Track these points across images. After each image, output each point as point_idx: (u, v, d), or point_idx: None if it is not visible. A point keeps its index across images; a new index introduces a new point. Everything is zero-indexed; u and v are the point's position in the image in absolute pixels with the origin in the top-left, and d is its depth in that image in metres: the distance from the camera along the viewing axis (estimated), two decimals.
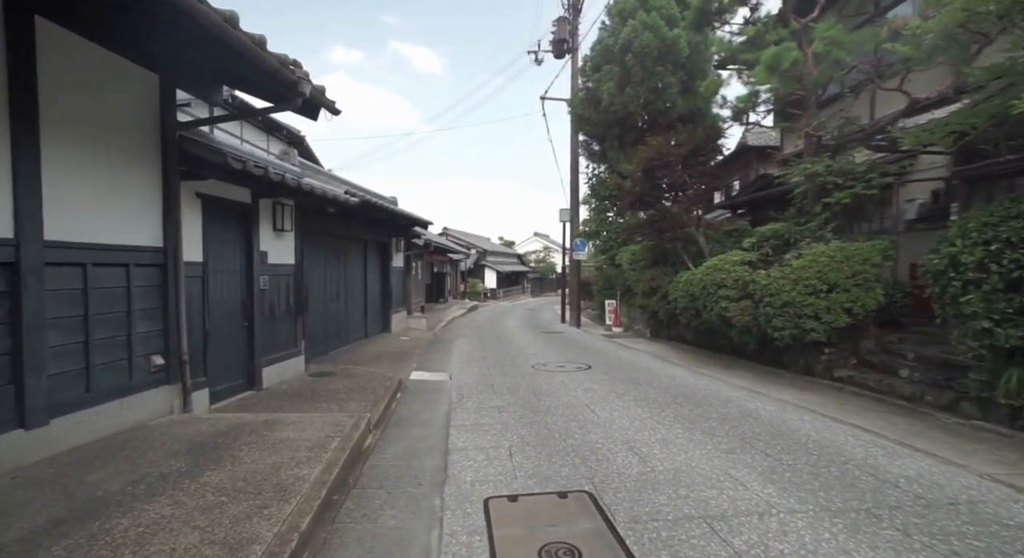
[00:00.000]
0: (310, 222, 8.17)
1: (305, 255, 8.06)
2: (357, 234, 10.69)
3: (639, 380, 7.14)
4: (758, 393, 6.19)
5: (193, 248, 4.62)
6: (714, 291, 8.13)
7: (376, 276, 12.17)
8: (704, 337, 10.06)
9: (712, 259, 8.60)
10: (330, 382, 6.32)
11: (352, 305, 10.64)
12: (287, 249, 6.44)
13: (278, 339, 6.20)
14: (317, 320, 8.89)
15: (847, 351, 6.88)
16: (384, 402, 5.44)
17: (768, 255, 7.80)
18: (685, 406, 5.57)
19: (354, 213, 9.26)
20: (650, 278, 11.75)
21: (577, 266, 17.49)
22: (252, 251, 5.58)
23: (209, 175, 4.37)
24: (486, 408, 5.59)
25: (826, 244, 7.00)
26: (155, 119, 4.17)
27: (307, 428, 4.05)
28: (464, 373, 7.80)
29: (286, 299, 6.40)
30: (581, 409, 5.51)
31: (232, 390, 5.33)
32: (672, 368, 8.24)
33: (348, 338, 10.33)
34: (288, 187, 5.32)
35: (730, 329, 8.23)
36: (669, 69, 12.85)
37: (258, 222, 5.68)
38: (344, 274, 10.25)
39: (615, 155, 14.54)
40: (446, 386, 6.85)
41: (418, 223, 12.25)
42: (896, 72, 6.33)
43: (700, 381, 7.04)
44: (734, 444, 4.22)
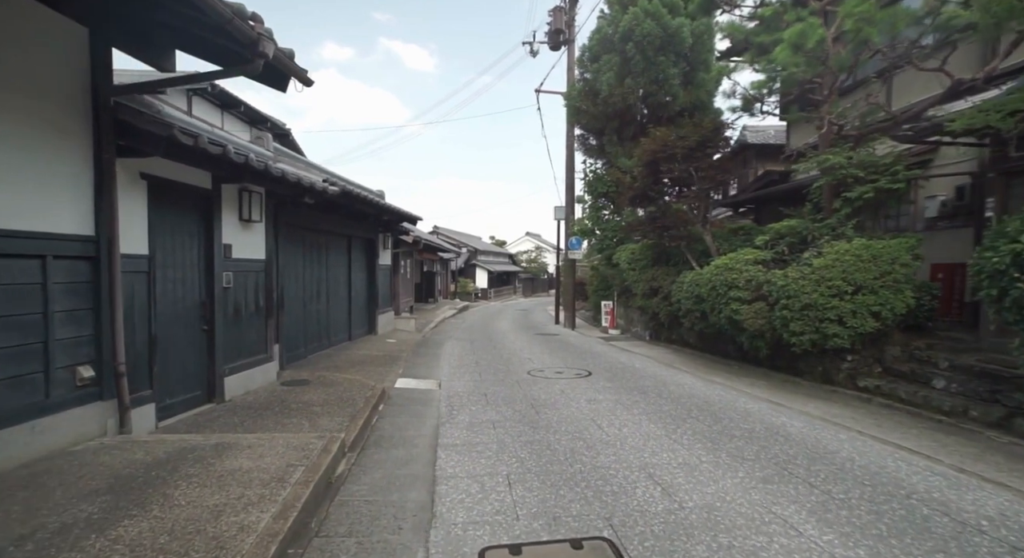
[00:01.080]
0: (287, 214, 7.47)
1: (281, 250, 7.37)
2: (341, 229, 9.99)
3: (646, 389, 6.54)
4: (779, 405, 5.62)
5: (136, 238, 3.93)
6: (724, 292, 7.56)
7: (361, 274, 11.46)
8: (709, 341, 9.51)
9: (721, 258, 8.03)
10: (304, 392, 5.63)
11: (335, 305, 9.94)
12: (256, 242, 5.75)
13: (245, 344, 5.51)
14: (295, 321, 8.18)
15: (871, 358, 6.34)
16: (363, 416, 4.78)
17: (784, 254, 7.25)
18: (702, 421, 4.97)
19: (337, 206, 8.57)
20: (651, 278, 11.19)
21: (572, 265, 16.91)
22: (213, 244, 4.89)
23: (153, 151, 3.69)
24: (479, 423, 4.95)
25: (848, 242, 6.46)
26: (84, 82, 3.48)
27: (266, 454, 3.38)
28: (455, 380, 7.16)
29: (255, 298, 5.70)
30: (586, 424, 4.89)
31: (187, 404, 4.63)
32: (679, 375, 7.65)
33: (330, 340, 9.63)
34: (254, 171, 4.64)
35: (740, 333, 7.67)
36: (671, 59, 12.29)
37: (220, 211, 4.99)
38: (326, 271, 9.55)
39: (613, 150, 13.97)
40: (435, 396, 6.20)
41: (406, 218, 11.58)
42: (926, 54, 5.79)
43: (712, 390, 6.46)
44: (769, 470, 3.62)
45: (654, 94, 12.64)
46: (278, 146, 8.00)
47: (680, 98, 12.80)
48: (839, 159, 6.64)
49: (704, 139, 9.08)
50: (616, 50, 12.82)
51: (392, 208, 10.38)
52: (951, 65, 5.41)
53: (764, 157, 16.01)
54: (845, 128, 6.70)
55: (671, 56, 12.30)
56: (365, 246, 11.66)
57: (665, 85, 12.53)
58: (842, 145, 6.93)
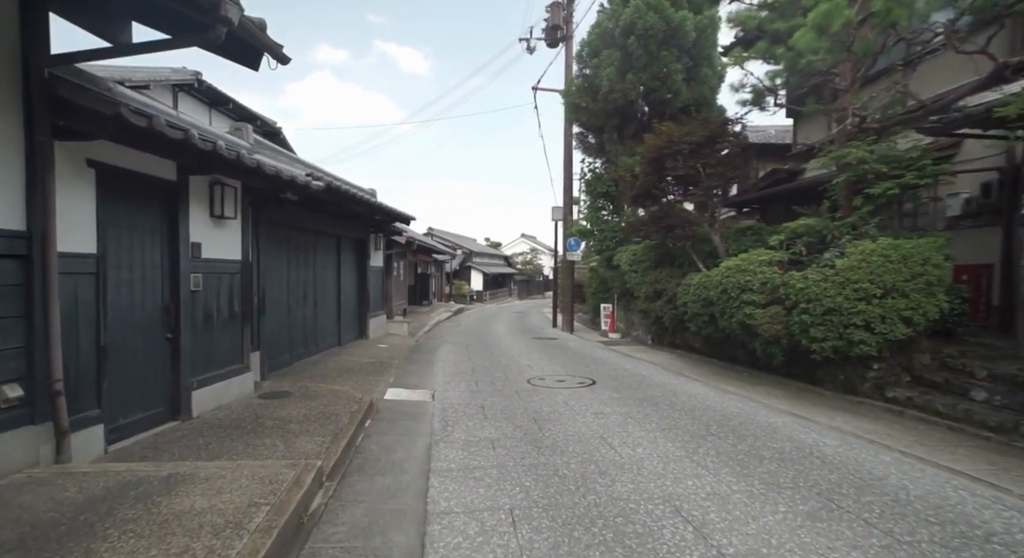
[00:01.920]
0: (269, 212, 6.95)
1: (262, 250, 6.84)
2: (329, 229, 9.46)
3: (656, 400, 6.05)
4: (804, 419, 5.15)
5: (81, 235, 3.40)
6: (736, 295, 7.10)
7: (351, 276, 10.93)
8: (716, 346, 9.05)
9: (732, 259, 7.57)
10: (283, 406, 5.11)
11: (323, 309, 9.40)
12: (231, 241, 5.22)
13: (217, 353, 4.97)
14: (278, 327, 7.65)
15: (899, 367, 5.88)
16: (347, 435, 4.26)
17: (801, 254, 6.80)
18: (724, 438, 4.49)
19: (324, 204, 8.05)
20: (654, 280, 10.72)
21: (570, 267, 16.43)
22: (179, 242, 4.36)
23: (99, 133, 3.17)
24: (477, 442, 4.44)
25: (872, 242, 6.01)
26: (12, 51, 2.96)
27: (226, 489, 2.86)
28: (449, 390, 6.64)
29: (229, 303, 5.17)
30: (596, 443, 4.40)
31: (146, 423, 4.10)
32: (689, 383, 7.17)
33: (317, 346, 9.09)
34: (224, 160, 4.12)
35: (752, 339, 7.21)
36: (674, 54, 11.87)
37: (188, 206, 4.46)
38: (313, 273, 9.02)
39: (613, 148, 13.52)
40: (427, 409, 5.69)
41: (399, 218, 11.07)
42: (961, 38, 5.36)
43: (728, 402, 5.98)
44: (813, 503, 3.14)
45: (656, 90, 12.21)
46: (260, 139, 7.48)
47: (683, 94, 12.38)
48: (862, 153, 6.20)
49: (712, 134, 8.64)
50: (617, 45, 12.40)
51: (384, 207, 9.87)
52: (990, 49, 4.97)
53: (765, 157, 15.63)
54: (867, 120, 6.24)
55: (674, 51, 11.88)
56: (355, 247, 11.13)
57: (668, 81, 12.10)
58: (863, 138, 6.49)
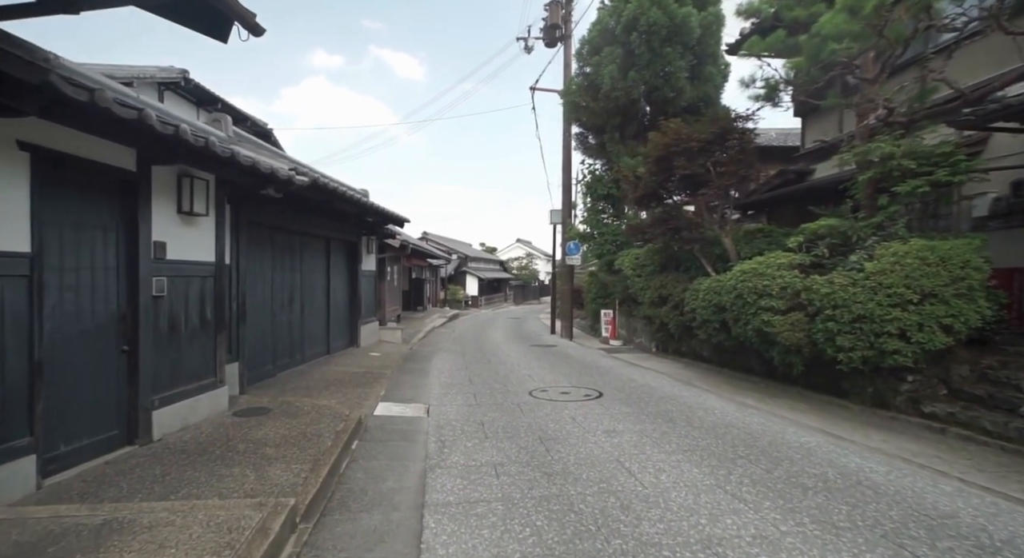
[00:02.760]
0: (250, 211, 6.43)
1: (243, 252, 6.31)
2: (318, 230, 8.94)
3: (671, 415, 5.55)
4: (839, 438, 4.66)
5: (8, 231, 2.86)
6: (753, 301, 6.63)
7: (342, 280, 10.39)
8: (727, 355, 8.57)
9: (747, 262, 7.11)
10: (260, 425, 4.56)
11: (310, 315, 8.85)
12: (203, 241, 4.69)
13: (185, 366, 4.42)
14: (260, 335, 7.10)
15: (935, 379, 5.42)
16: (329, 461, 3.73)
17: (823, 257, 6.34)
18: (756, 462, 3.99)
19: (312, 203, 7.53)
20: (659, 285, 10.25)
21: (570, 272, 15.95)
22: (138, 241, 3.83)
23: (27, 108, 2.65)
24: (478, 467, 3.92)
25: (903, 243, 5.56)
26: None
27: (172, 541, 2.32)
28: (445, 404, 6.12)
29: (200, 310, 4.63)
30: (612, 468, 3.89)
31: (95, 449, 3.54)
32: (703, 396, 6.68)
33: (304, 355, 8.53)
34: (190, 147, 3.60)
35: (769, 347, 6.74)
36: (678, 51, 11.47)
37: (150, 200, 3.93)
38: (300, 278, 8.48)
39: (615, 148, 13.09)
40: (422, 426, 5.16)
41: (392, 219, 10.56)
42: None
43: (749, 417, 5.49)
44: (883, 550, 2.63)
45: (659, 88, 11.80)
46: (242, 132, 6.97)
47: (686, 93, 11.98)
48: (890, 148, 5.76)
49: (723, 131, 8.20)
50: (619, 42, 11.99)
51: (376, 207, 9.36)
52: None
53: (767, 159, 15.28)
54: (895, 112, 5.82)
55: (678, 48, 11.48)
56: (346, 250, 10.59)
57: (671, 79, 11.69)
58: (889, 133, 6.06)
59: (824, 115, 10.51)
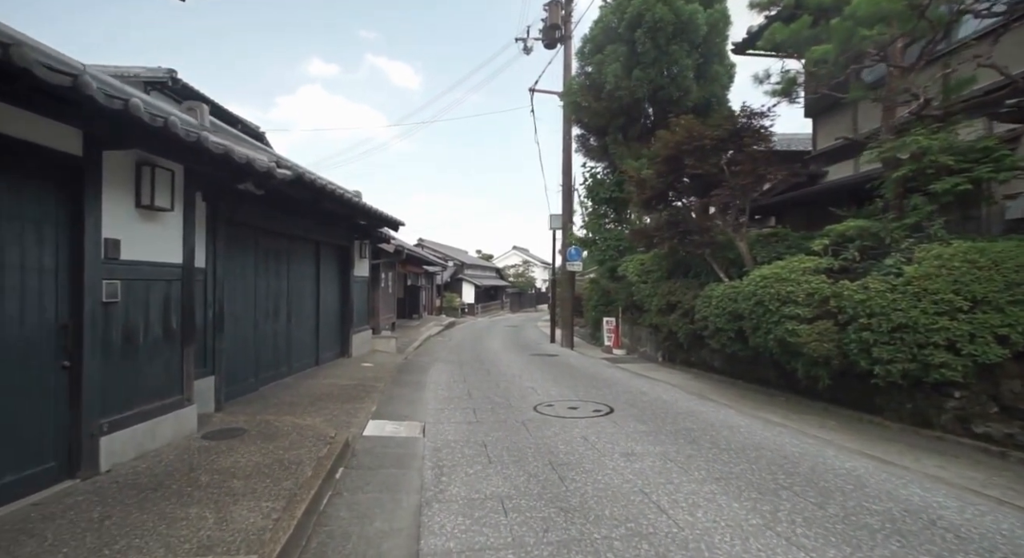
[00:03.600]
0: (230, 209, 5.89)
1: (222, 255, 5.76)
2: (307, 233, 8.39)
3: (693, 435, 5.01)
4: (888, 463, 4.14)
5: None
6: (775, 308, 6.14)
7: (333, 287, 9.83)
8: (742, 366, 8.05)
9: (768, 267, 6.62)
10: (231, 451, 3.98)
11: (298, 324, 8.28)
12: (168, 240, 4.13)
13: (143, 384, 3.85)
14: (241, 346, 6.53)
15: (984, 395, 4.90)
16: (308, 496, 3.16)
17: (854, 260, 5.86)
18: (803, 494, 3.45)
19: (299, 203, 7.00)
20: (668, 292, 9.76)
21: (571, 278, 15.43)
22: (83, 238, 3.27)
23: None
24: (481, 502, 3.36)
25: (945, 245, 5.09)
26: None
27: None
28: (443, 422, 5.55)
29: (164, 318, 4.07)
30: (638, 502, 3.34)
31: (24, 486, 2.95)
32: (722, 411, 6.15)
33: (290, 367, 7.94)
34: (146, 128, 3.07)
35: (793, 358, 6.24)
36: (685, 49, 11.07)
37: (100, 190, 3.39)
38: (287, 284, 7.92)
39: (617, 150, 12.64)
40: (417, 449, 4.59)
41: (387, 222, 10.02)
42: None
43: (779, 437, 4.96)
44: None
45: (664, 88, 11.38)
46: (217, 121, 6.44)
47: (693, 93, 11.57)
48: (928, 142, 5.31)
49: (738, 128, 7.75)
50: (622, 39, 11.59)
51: (368, 208, 8.83)
52: None
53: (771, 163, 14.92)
54: (930, 105, 5.37)
55: (684, 45, 11.09)
56: (337, 255, 10.04)
57: (677, 78, 11.28)
58: (924, 127, 5.60)
59: (837, 115, 10.12)
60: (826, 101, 9.85)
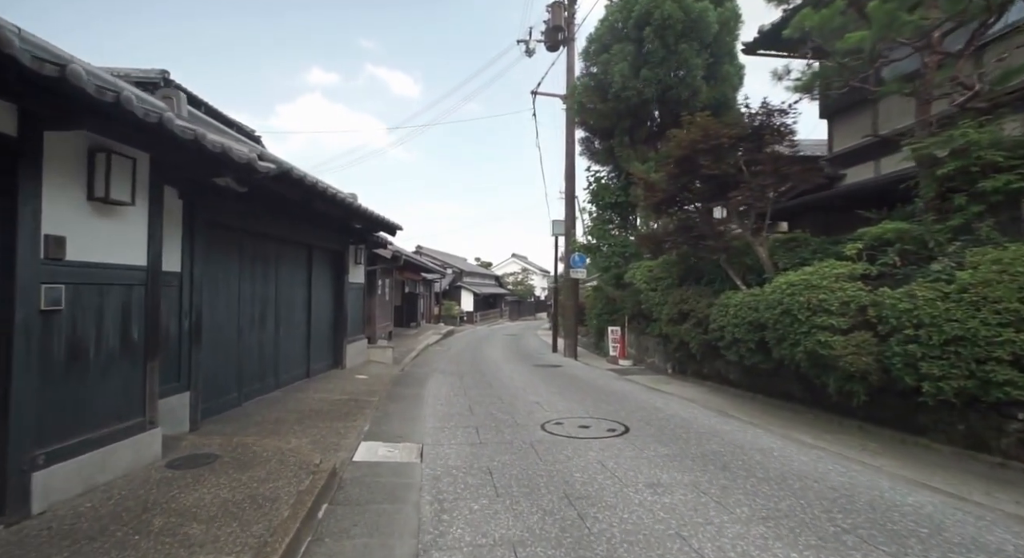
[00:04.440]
0: (211, 209, 5.38)
1: (201, 258, 5.25)
2: (297, 236, 7.88)
3: (723, 460, 4.47)
4: (958, 498, 3.60)
5: None
6: (805, 318, 5.63)
7: (326, 294, 9.29)
8: (761, 379, 7.52)
9: (794, 273, 6.13)
10: (197, 484, 3.43)
11: (287, 333, 7.73)
12: (128, 238, 3.61)
13: (95, 405, 3.31)
14: (224, 358, 5.99)
15: None
16: (281, 546, 2.61)
17: (894, 266, 5.36)
18: (873, 541, 2.91)
19: (288, 203, 6.50)
20: (679, 300, 9.24)
21: (574, 286, 14.91)
22: (16, 234, 2.75)
23: None
24: (490, 549, 2.81)
25: (1000, 248, 4.59)
26: None
27: None
28: (443, 443, 5.00)
29: (122, 329, 3.53)
30: (676, 551, 2.80)
31: None
32: (749, 431, 5.61)
33: (278, 380, 7.38)
34: (93, 104, 2.56)
35: (825, 372, 5.72)
36: (695, 48, 10.66)
37: (39, 178, 2.87)
38: (276, 290, 7.38)
39: (624, 153, 12.20)
40: (414, 477, 4.04)
41: (383, 225, 9.50)
42: None
43: (820, 463, 4.42)
44: None
45: (673, 88, 10.95)
46: (206, 118, 5.97)
47: (702, 94, 11.15)
48: (976, 136, 4.84)
49: (758, 126, 7.28)
50: (630, 38, 11.19)
51: (364, 211, 8.32)
52: None
53: None
54: (979, 95, 4.90)
55: (694, 44, 10.68)
56: (331, 260, 9.52)
57: (687, 78, 10.86)
58: (969, 120, 5.13)
59: (856, 116, 9.68)
60: (844, 101, 9.45)
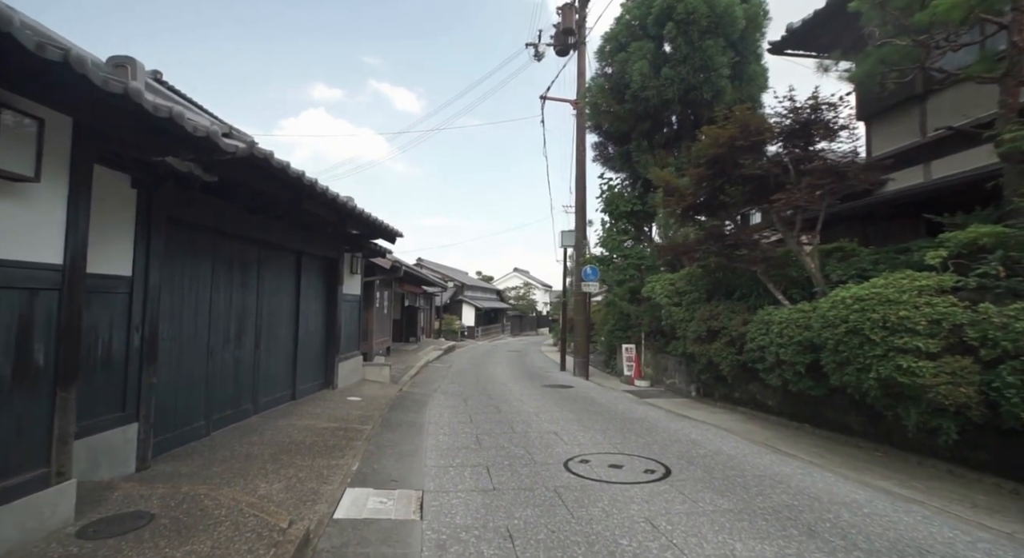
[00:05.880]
0: (176, 203, 4.52)
1: (158, 261, 4.38)
2: (285, 240, 7.00)
3: (802, 519, 3.51)
4: None
5: None
6: (880, 338, 4.74)
7: (316, 306, 8.39)
8: (809, 406, 6.59)
9: (860, 286, 5.24)
10: None
11: (270, 350, 6.81)
12: (32, 227, 2.72)
13: None
14: (189, 379, 5.07)
15: None
16: None
17: (996, 277, 4.46)
18: None
19: (274, 202, 5.65)
20: (708, 316, 8.33)
21: (586, 300, 13.99)
22: None
23: None
24: None
25: None
26: None
27: None
28: (448, 490, 4.05)
29: (18, 349, 2.62)
30: None
31: None
32: (816, 475, 4.64)
33: (257, 404, 6.44)
34: None
35: (901, 403, 4.81)
36: (720, 45, 9.92)
37: None
38: (257, 300, 6.48)
39: (641, 158, 11.40)
40: (411, 545, 3.09)
41: (382, 231, 8.62)
42: None
43: (927, 524, 3.47)
44: None
45: (697, 88, 10.18)
46: (155, 83, 5.14)
47: (727, 95, 10.37)
48: None
49: (806, 121, 6.45)
50: (649, 36, 10.48)
51: (361, 213, 7.45)
52: None
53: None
54: None
55: (720, 41, 9.94)
56: (323, 268, 8.63)
57: (711, 77, 10.09)
58: None
59: (899, 116, 8.87)
60: (886, 100, 8.65)
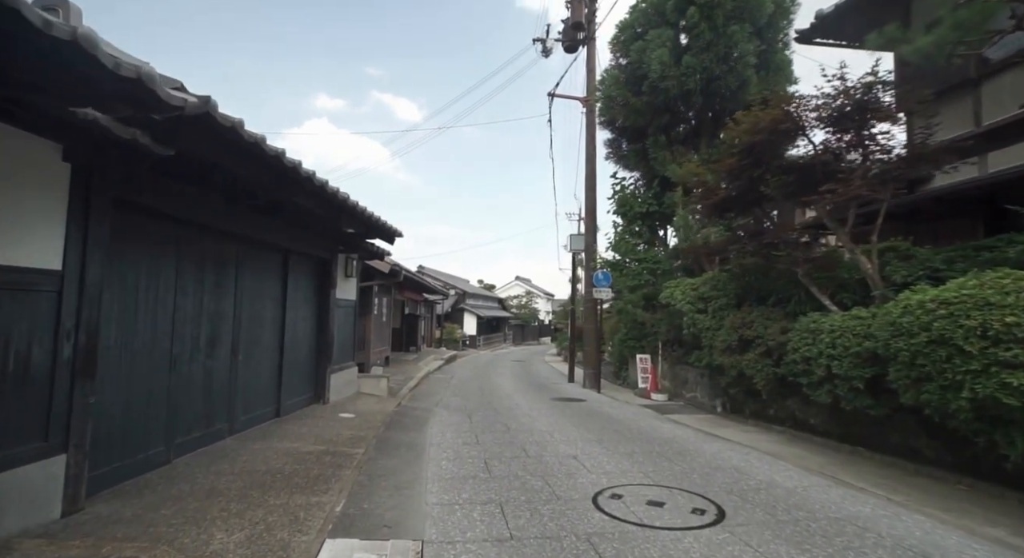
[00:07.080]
0: (128, 184, 3.76)
1: (100, 254, 3.63)
2: (268, 236, 6.22)
3: None
4: None
5: None
6: (977, 350, 3.93)
7: (306, 311, 7.58)
8: (862, 427, 5.79)
9: (941, 288, 4.44)
10: None
11: (250, 361, 5.99)
12: None
13: None
14: (145, 396, 4.25)
15: None
16: None
17: None
18: None
19: (255, 190, 4.87)
20: (740, 324, 7.51)
21: (596, 307, 13.16)
22: None
23: None
24: None
25: None
26: None
27: None
28: (454, 538, 3.21)
29: None
30: None
31: None
32: (910, 520, 3.80)
33: (233, 423, 5.61)
34: None
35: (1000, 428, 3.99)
36: (747, 31, 9.21)
37: None
38: (234, 304, 5.69)
39: (659, 154, 10.65)
40: None
41: (380, 230, 7.82)
42: None
43: None
44: None
45: (720, 78, 9.46)
46: (80, 25, 4.33)
47: (752, 85, 9.63)
48: None
49: (859, 102, 5.69)
50: (668, 23, 9.78)
51: (356, 208, 6.66)
52: None
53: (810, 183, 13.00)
54: None
55: (746, 27, 9.23)
56: (314, 269, 7.84)
57: (736, 66, 9.37)
58: None
59: (946, 106, 8.14)
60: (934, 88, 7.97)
